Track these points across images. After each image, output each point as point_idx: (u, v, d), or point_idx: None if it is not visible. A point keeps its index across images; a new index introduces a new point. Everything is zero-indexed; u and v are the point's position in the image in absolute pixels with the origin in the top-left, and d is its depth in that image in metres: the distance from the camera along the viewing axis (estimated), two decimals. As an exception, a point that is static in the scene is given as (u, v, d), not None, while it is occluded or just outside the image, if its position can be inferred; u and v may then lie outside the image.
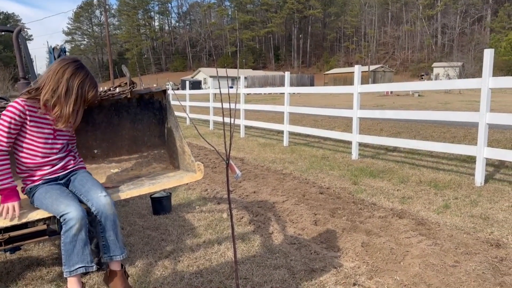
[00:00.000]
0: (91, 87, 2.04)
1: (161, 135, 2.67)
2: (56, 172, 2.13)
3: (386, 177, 5.43)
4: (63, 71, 1.98)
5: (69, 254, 1.91)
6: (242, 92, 10.60)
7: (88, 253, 1.95)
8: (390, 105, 17.73)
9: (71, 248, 1.90)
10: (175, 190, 4.94)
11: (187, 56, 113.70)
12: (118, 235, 2.04)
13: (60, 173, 2.15)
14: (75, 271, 1.91)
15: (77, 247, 1.91)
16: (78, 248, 1.91)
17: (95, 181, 2.10)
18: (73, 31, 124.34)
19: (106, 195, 2.00)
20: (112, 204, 2.00)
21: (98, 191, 2.01)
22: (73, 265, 1.91)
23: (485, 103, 4.76)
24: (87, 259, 1.94)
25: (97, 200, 1.99)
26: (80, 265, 1.92)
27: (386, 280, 2.56)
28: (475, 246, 3.01)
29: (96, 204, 1.99)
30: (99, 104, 2.50)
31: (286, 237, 3.34)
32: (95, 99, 2.13)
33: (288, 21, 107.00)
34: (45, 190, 2.02)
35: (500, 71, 48.36)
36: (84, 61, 2.14)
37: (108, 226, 2.00)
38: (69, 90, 1.98)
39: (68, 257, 1.91)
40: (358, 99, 6.75)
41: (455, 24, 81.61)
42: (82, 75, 2.01)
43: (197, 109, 19.29)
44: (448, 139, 7.87)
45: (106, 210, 1.98)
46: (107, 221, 1.99)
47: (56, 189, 2.03)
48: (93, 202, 1.99)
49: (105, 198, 1.99)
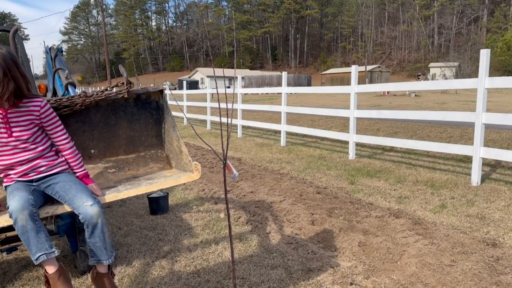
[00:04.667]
0: None
1: (158, 135, 2.67)
2: (28, 175, 2.12)
3: (383, 177, 5.44)
4: None
5: (28, 245, 1.91)
6: (239, 92, 10.60)
7: (44, 240, 1.93)
8: (387, 105, 17.77)
9: (26, 239, 1.90)
10: (172, 190, 4.93)
11: (184, 56, 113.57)
12: (105, 241, 2.04)
13: (33, 177, 2.13)
14: (38, 260, 1.92)
15: (30, 237, 1.90)
16: (32, 238, 1.90)
17: (79, 187, 2.07)
18: (70, 31, 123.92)
19: (92, 204, 1.98)
20: (100, 213, 1.98)
21: (83, 199, 1.99)
22: (34, 254, 1.92)
23: (481, 103, 4.78)
24: (45, 246, 1.93)
25: (83, 210, 1.97)
26: (40, 253, 1.92)
27: (383, 279, 2.56)
28: (472, 245, 3.02)
29: (83, 213, 1.97)
30: (96, 104, 2.49)
31: (283, 237, 3.35)
32: None
33: (285, 21, 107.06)
34: (11, 189, 2.03)
35: (497, 71, 48.59)
36: (81, 61, 2.13)
37: (95, 234, 2.00)
38: None
39: (29, 248, 1.92)
40: (355, 99, 6.76)
41: (452, 24, 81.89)
42: None
43: (194, 109, 19.28)
44: (445, 139, 7.90)
45: (93, 219, 1.97)
46: (95, 229, 1.99)
47: (16, 188, 2.02)
48: (79, 211, 1.98)
49: (92, 208, 1.97)
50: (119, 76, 2.49)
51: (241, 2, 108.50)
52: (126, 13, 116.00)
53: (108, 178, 2.48)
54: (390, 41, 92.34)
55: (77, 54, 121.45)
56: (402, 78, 73.16)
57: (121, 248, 3.13)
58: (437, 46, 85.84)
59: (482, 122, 4.81)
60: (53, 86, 3.63)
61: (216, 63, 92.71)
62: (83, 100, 2.40)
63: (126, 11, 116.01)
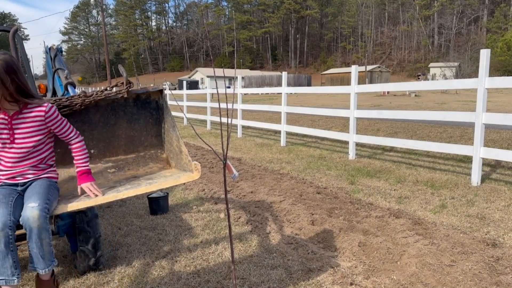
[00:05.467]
0: None
1: (158, 135, 2.67)
2: (15, 178, 2.12)
3: (383, 177, 5.44)
4: None
5: None
6: (239, 92, 10.60)
7: (8, 266, 1.88)
8: (387, 105, 17.77)
9: None
10: (172, 190, 4.93)
11: (184, 56, 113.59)
12: (42, 249, 1.95)
13: (19, 181, 2.13)
14: None
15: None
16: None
17: (39, 189, 2.04)
18: (70, 31, 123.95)
19: (34, 207, 1.93)
20: (40, 217, 1.91)
21: (31, 202, 1.96)
22: None
23: (481, 103, 4.78)
24: (7, 272, 1.88)
25: (24, 211, 1.94)
26: (1, 277, 1.88)
27: (383, 279, 2.56)
28: (472, 245, 3.02)
29: (23, 214, 1.94)
30: (96, 104, 2.49)
31: (283, 237, 3.34)
32: None
33: (285, 21, 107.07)
34: None
35: (497, 71, 48.60)
36: (81, 61, 2.15)
37: (32, 238, 1.93)
38: None
39: None
40: (355, 99, 6.76)
41: (452, 24, 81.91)
42: None
43: (194, 109, 19.28)
44: (445, 139, 7.90)
45: (29, 222, 1.91)
46: (31, 233, 1.92)
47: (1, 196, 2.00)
48: (22, 212, 1.95)
49: (32, 210, 1.92)
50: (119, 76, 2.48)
51: (241, 2, 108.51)
52: (126, 13, 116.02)
53: (108, 178, 2.48)
54: (390, 41, 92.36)
55: (77, 54, 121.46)
56: (402, 78, 73.18)
57: (121, 248, 3.13)
58: (437, 46, 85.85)
59: (482, 122, 4.81)
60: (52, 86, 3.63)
61: (216, 63, 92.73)
62: (82, 100, 2.41)
63: (126, 11, 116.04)
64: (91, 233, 2.63)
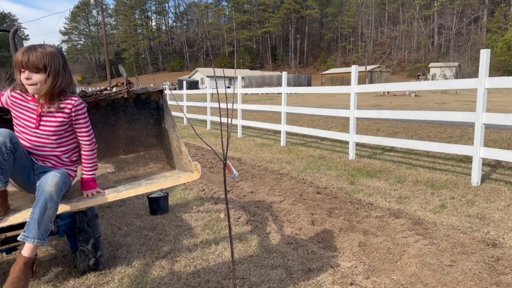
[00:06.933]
0: (19, 52, 2.03)
1: (158, 135, 2.67)
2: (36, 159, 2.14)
3: (383, 177, 5.44)
4: None
5: None
6: (239, 92, 10.60)
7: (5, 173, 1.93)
8: (387, 105, 17.77)
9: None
10: (172, 190, 4.93)
11: (184, 56, 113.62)
12: (42, 218, 1.88)
13: (39, 163, 2.15)
14: None
15: None
16: None
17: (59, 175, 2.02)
18: (70, 31, 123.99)
19: (56, 175, 1.96)
20: (57, 185, 1.91)
21: (53, 172, 1.99)
22: None
23: (481, 103, 4.78)
24: None
25: (45, 175, 1.97)
26: None
27: (383, 279, 2.56)
28: (472, 245, 3.02)
29: (43, 176, 1.97)
30: (96, 104, 2.49)
31: (283, 237, 3.34)
32: (24, 60, 2.01)
33: (285, 21, 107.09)
34: None
35: (497, 71, 48.59)
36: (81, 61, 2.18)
37: (39, 201, 1.89)
38: None
39: None
40: (355, 99, 6.76)
41: (452, 24, 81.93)
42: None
43: (194, 109, 19.28)
44: (445, 139, 7.90)
45: (46, 184, 1.91)
46: (41, 196, 1.89)
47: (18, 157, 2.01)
48: (42, 176, 1.98)
49: (53, 175, 1.95)
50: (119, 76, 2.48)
51: (241, 2, 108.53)
52: (126, 13, 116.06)
53: (108, 178, 2.48)
54: (390, 41, 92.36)
55: (77, 54, 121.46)
56: (402, 78, 73.15)
57: (121, 248, 3.13)
58: (437, 46, 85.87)
59: (482, 122, 4.81)
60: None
61: (216, 63, 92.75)
62: (82, 100, 2.40)
63: (126, 11, 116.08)
64: (91, 233, 2.63)
